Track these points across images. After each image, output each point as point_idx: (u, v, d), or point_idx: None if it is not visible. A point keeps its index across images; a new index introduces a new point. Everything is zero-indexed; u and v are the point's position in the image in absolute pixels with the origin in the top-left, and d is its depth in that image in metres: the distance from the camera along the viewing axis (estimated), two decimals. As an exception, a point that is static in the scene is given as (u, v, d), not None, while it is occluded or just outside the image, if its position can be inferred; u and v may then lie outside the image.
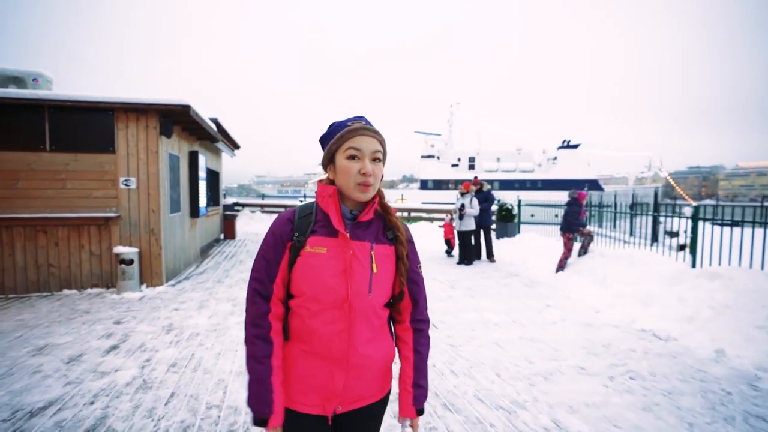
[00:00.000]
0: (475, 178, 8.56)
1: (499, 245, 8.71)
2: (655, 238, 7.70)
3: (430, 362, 3.11)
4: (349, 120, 1.02)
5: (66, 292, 5.11)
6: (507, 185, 30.46)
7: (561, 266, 6.20)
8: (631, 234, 8.11)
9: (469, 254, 7.51)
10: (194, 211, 7.58)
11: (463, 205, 7.43)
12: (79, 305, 4.56)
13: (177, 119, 5.94)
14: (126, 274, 5.06)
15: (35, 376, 2.76)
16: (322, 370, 0.96)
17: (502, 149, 35.30)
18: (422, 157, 36.04)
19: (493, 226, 9.25)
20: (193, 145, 7.67)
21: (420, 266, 1.10)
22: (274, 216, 12.66)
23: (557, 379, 2.86)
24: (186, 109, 5.43)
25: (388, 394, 1.08)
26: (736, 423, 2.30)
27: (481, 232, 8.01)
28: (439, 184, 33.25)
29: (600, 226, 8.03)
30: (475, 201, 7.51)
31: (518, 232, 9.69)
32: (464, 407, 2.45)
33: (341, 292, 0.95)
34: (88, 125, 5.26)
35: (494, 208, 9.19)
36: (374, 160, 0.99)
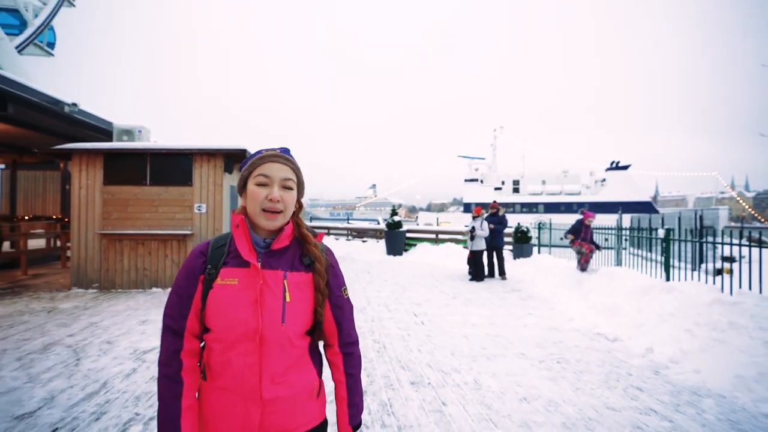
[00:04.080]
0: (494, 202, 9.44)
1: (514, 265, 9.40)
2: (701, 262, 7.66)
3: (405, 344, 4.16)
4: (268, 149, 1.03)
5: (154, 289, 6.80)
6: (552, 208, 30.10)
7: (583, 267, 7.07)
8: (679, 258, 8.15)
9: (479, 272, 8.34)
10: (249, 231, 9.23)
11: (473, 228, 8.34)
12: (163, 299, 6.17)
13: (237, 159, 7.62)
14: (196, 277, 6.64)
15: (142, 335, 4.23)
16: (237, 407, 0.93)
17: (547, 172, 34.93)
18: (466, 180, 36.69)
19: (509, 248, 9.95)
20: (250, 177, 9.40)
21: (344, 289, 1.09)
22: None
23: (497, 360, 3.76)
24: (243, 152, 7.08)
25: (323, 423, 1.06)
26: (615, 390, 3.09)
27: (494, 252, 8.81)
28: (484, 208, 33.52)
29: (638, 248, 8.21)
30: (485, 224, 8.39)
31: (538, 253, 10.27)
32: (415, 369, 3.48)
33: (252, 323, 0.92)
34: (175, 165, 7.06)
35: (509, 230, 9.91)
36: (285, 188, 0.98)
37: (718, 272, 7.29)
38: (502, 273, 8.65)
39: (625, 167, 30.93)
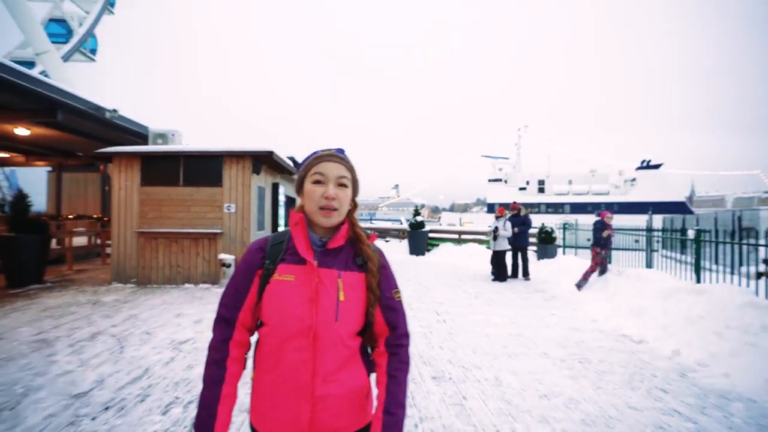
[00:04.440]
0: (514, 203, 9.37)
1: (538, 265, 9.30)
2: (740, 265, 7.35)
3: (427, 341, 4.24)
4: (324, 149, 1.06)
5: (187, 285, 7.15)
6: (579, 208, 29.33)
7: (585, 279, 6.86)
8: (716, 261, 7.84)
9: (502, 272, 8.31)
10: (275, 229, 9.53)
11: (496, 228, 8.31)
12: (195, 294, 6.49)
13: (264, 161, 7.90)
14: (225, 273, 6.95)
15: (178, 327, 4.50)
16: (289, 402, 0.95)
17: (574, 171, 34.06)
18: (489, 180, 36.25)
19: (534, 248, 9.84)
20: (276, 178, 9.70)
21: (396, 292, 1.08)
22: None
23: (518, 358, 3.79)
24: (270, 153, 7.33)
25: (369, 426, 1.03)
26: (638, 391, 3.08)
27: (519, 253, 8.75)
28: (507, 208, 33.04)
29: (670, 250, 7.94)
30: (508, 224, 8.35)
31: (563, 254, 10.10)
32: (437, 365, 3.56)
33: (307, 320, 0.94)
34: (206, 167, 7.39)
35: (533, 231, 9.80)
36: (340, 185, 1.01)
37: (760, 275, 6.97)
38: (525, 274, 8.57)
39: (657, 166, 29.76)
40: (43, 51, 14.57)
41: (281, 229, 10.20)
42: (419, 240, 12.57)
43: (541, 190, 33.68)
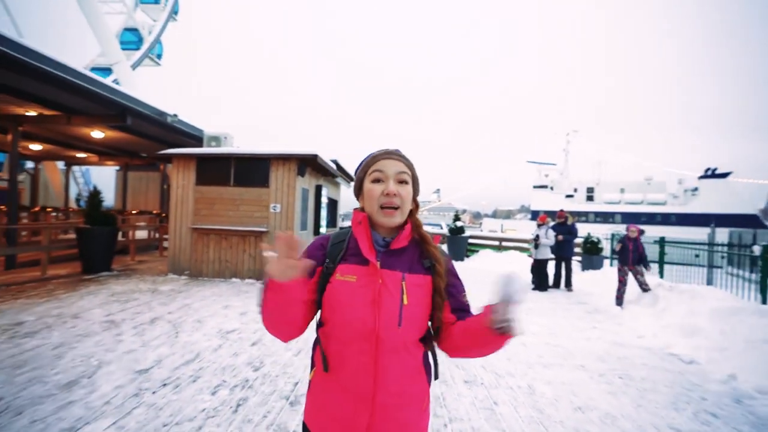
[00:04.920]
0: (561, 211, 9.07)
1: (582, 276, 8.92)
2: None
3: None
4: (379, 150, 1.04)
5: (234, 279, 7.61)
6: (631, 218, 27.54)
7: (619, 297, 6.49)
8: None
9: (543, 281, 8.07)
10: (317, 230, 9.88)
11: (537, 236, 8.09)
12: (242, 288, 6.90)
13: (308, 163, 8.24)
14: (270, 271, 7.31)
15: (225, 318, 4.84)
16: (347, 404, 0.92)
17: (627, 179, 32.11)
18: (534, 187, 35.07)
19: (578, 258, 9.45)
20: (319, 180, 10.06)
21: (464, 295, 1.05)
22: None
23: (554, 368, 3.72)
24: (314, 156, 7.64)
25: None
26: (683, 413, 2.93)
27: (562, 262, 8.45)
28: (553, 216, 31.79)
29: (738, 267, 7.33)
30: (551, 232, 8.10)
31: (610, 266, 9.61)
32: (469, 369, 3.58)
33: (369, 323, 0.91)
34: (255, 169, 7.84)
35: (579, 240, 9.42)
36: (400, 182, 0.98)
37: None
38: (568, 284, 8.27)
39: (724, 175, 27.25)
40: (116, 61, 16.10)
41: (323, 229, 10.55)
42: (458, 245, 12.47)
43: (590, 198, 32.08)
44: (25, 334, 3.89)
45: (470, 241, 13.02)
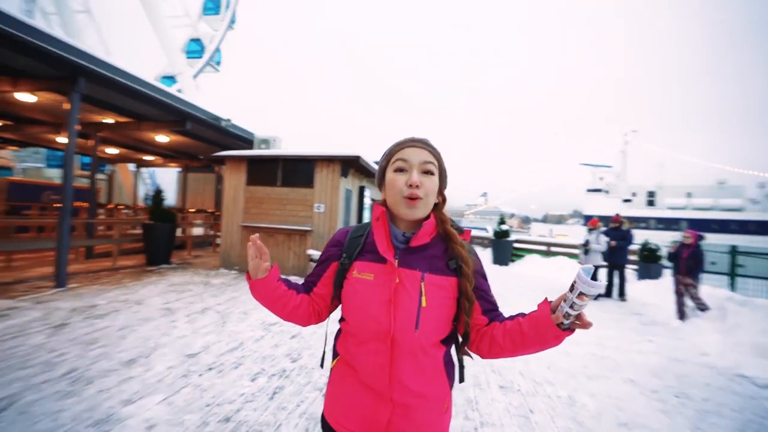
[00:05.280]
0: (616, 215, 8.51)
1: (638, 286, 8.30)
2: None
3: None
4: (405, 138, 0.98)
5: (279, 276, 7.94)
6: (700, 226, 25.12)
7: (680, 312, 5.93)
8: None
9: (593, 289, 7.60)
10: (358, 231, 10.05)
11: (587, 241, 7.65)
12: (286, 284, 7.19)
13: (351, 165, 8.41)
14: (312, 268, 7.57)
15: (267, 311, 5.06)
16: (368, 399, 0.90)
17: (694, 183, 29.34)
18: (588, 191, 33.11)
19: (634, 266, 8.80)
20: (362, 182, 10.22)
21: (492, 293, 1.00)
22: None
23: (599, 380, 3.50)
24: (357, 158, 7.79)
25: None
26: (749, 438, 2.64)
27: (615, 270, 7.91)
28: (606, 221, 29.84)
29: None
30: (602, 237, 7.61)
31: (671, 276, 8.84)
32: (506, 375, 3.47)
33: (384, 324, 0.88)
34: (300, 170, 8.14)
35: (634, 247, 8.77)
36: (425, 172, 0.91)
37: None
38: (621, 293, 7.72)
39: (815, 178, 24.08)
40: (179, 72, 17.48)
41: (364, 230, 10.68)
42: (503, 249, 12.09)
43: (651, 203, 29.69)
44: (97, 315, 4.34)
45: (516, 245, 12.56)
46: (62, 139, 10.05)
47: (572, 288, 0.79)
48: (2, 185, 11.71)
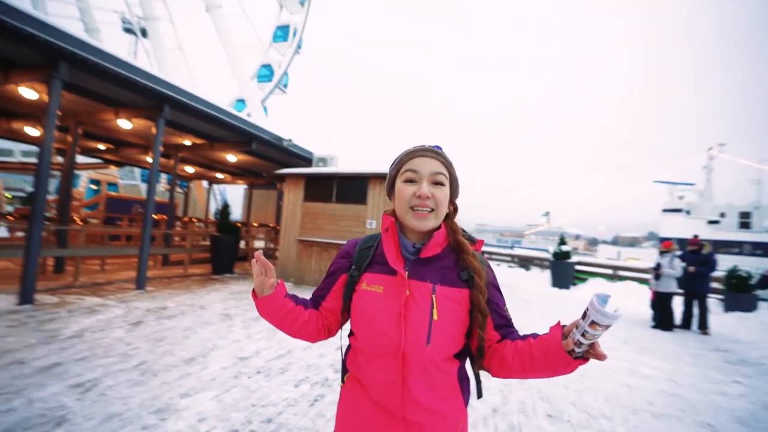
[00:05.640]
0: (694, 237, 7.69)
1: (724, 318, 7.32)
2: None
3: (550, 378, 3.86)
4: (417, 146, 0.95)
5: (331, 289, 8.19)
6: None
7: None
8: None
9: (666, 319, 6.85)
10: (409, 247, 10.08)
11: (659, 265, 6.95)
12: (336, 297, 7.39)
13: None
14: (362, 283, 7.70)
15: (317, 321, 5.25)
16: (379, 419, 0.87)
17: (801, 203, 25.41)
18: (664, 211, 30.07)
19: (719, 296, 7.78)
20: (413, 198, 10.31)
21: (506, 308, 0.95)
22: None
23: (667, 420, 3.13)
24: (408, 175, 7.91)
25: None
26: None
27: (695, 298, 7.08)
28: (684, 244, 26.71)
29: None
30: (677, 261, 6.88)
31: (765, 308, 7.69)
32: (556, 403, 3.24)
33: (395, 339, 0.85)
34: (354, 187, 8.42)
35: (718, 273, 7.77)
36: (435, 183, 0.89)
37: None
38: (703, 326, 6.86)
39: None
40: (249, 97, 19.11)
41: (416, 247, 10.67)
42: (564, 271, 11.36)
43: (745, 225, 26.15)
44: (167, 316, 4.80)
45: (578, 267, 11.75)
46: (150, 159, 11.42)
47: (584, 315, 0.74)
48: (103, 199, 13.50)
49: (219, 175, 14.89)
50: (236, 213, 17.33)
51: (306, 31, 23.27)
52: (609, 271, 11.38)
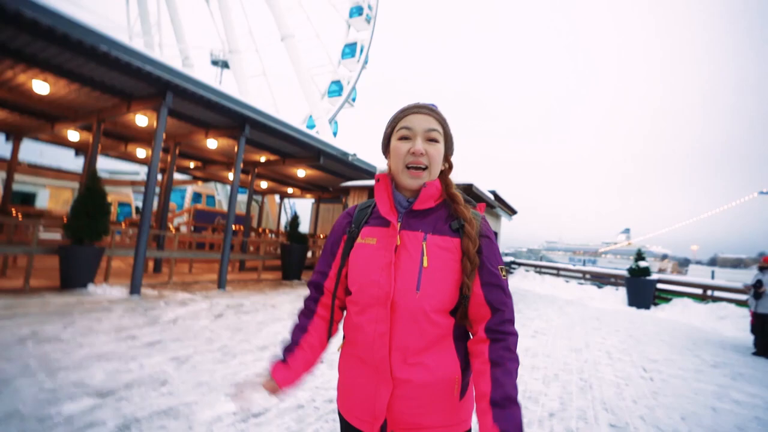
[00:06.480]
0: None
1: None
2: None
3: (618, 391, 3.65)
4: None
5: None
6: None
7: None
8: None
9: (769, 344, 5.99)
10: (469, 259, 9.97)
11: (760, 282, 6.14)
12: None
13: (464, 193, 8.55)
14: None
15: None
16: (369, 380, 0.85)
17: None
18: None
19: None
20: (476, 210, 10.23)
21: (502, 268, 0.89)
22: (547, 276, 13.66)
23: (758, 445, 2.81)
24: (469, 186, 7.93)
25: None
26: None
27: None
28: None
29: None
30: (782, 278, 6.02)
31: None
32: (621, 415, 3.06)
33: (384, 286, 0.84)
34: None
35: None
36: (430, 140, 0.89)
37: None
38: (818, 355, 5.88)
39: None
40: (317, 116, 20.47)
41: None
42: (642, 289, 10.37)
43: None
44: (243, 311, 5.36)
45: (660, 286, 10.67)
46: (231, 175, 12.75)
47: None
48: (192, 211, 15.25)
49: (289, 190, 16.06)
50: (304, 225, 18.49)
51: (372, 47, 24.57)
52: (698, 291, 10.17)
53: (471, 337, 0.91)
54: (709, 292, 9.95)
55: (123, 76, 5.67)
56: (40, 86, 6.15)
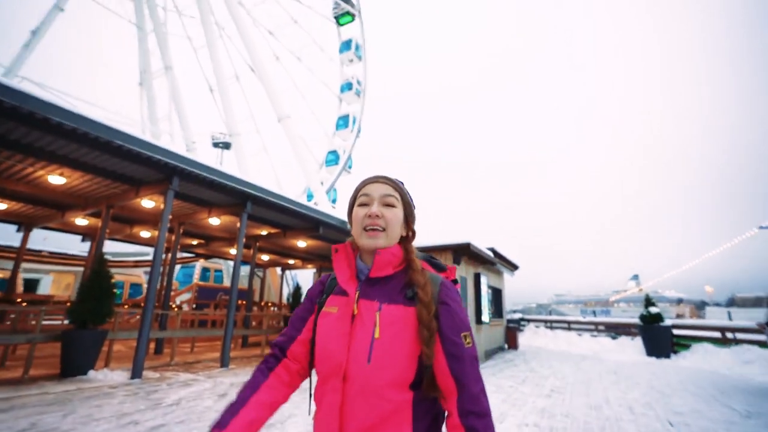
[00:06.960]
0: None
1: None
2: None
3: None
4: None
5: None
6: None
7: None
8: None
9: (798, 387, 5.70)
10: (478, 319, 9.76)
11: (771, 320, 6.03)
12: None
13: (463, 252, 8.69)
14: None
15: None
16: None
17: None
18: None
19: None
20: (477, 269, 10.26)
21: (466, 335, 0.85)
22: (558, 331, 13.30)
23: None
24: (467, 245, 8.10)
25: None
26: None
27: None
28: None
29: None
30: (793, 315, 5.93)
31: None
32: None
33: (338, 357, 0.83)
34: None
35: None
36: (386, 205, 0.93)
37: None
38: None
39: None
40: (315, 188, 21.30)
41: (485, 317, 10.30)
42: (659, 337, 10.03)
43: None
44: (247, 390, 5.17)
45: (676, 332, 10.33)
46: (234, 251, 12.91)
47: None
48: (194, 288, 15.18)
49: (290, 261, 16.15)
50: (306, 295, 18.14)
51: (364, 118, 26.42)
52: (716, 334, 9.84)
53: (440, 416, 0.88)
54: (728, 335, 9.63)
55: (133, 165, 6.11)
56: (57, 179, 6.57)
